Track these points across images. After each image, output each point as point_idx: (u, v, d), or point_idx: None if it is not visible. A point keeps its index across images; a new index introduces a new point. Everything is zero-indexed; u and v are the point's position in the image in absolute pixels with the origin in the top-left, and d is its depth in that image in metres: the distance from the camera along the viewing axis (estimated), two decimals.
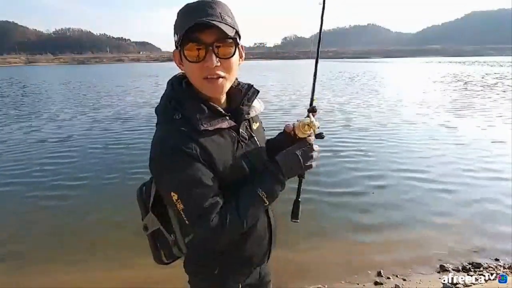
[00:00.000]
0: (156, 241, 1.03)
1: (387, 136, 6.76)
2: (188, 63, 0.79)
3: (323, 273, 2.64)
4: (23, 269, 2.77)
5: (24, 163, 5.44)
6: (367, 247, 2.98)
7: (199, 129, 0.81)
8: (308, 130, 0.92)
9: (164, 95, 0.90)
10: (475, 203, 3.72)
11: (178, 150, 0.78)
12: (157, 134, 0.84)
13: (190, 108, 0.83)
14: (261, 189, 0.84)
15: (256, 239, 0.99)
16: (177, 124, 0.81)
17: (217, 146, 0.84)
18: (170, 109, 0.85)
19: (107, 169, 5.06)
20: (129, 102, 12.79)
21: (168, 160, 0.79)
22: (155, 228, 1.00)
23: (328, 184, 4.28)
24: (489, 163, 4.97)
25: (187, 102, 0.84)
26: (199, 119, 0.82)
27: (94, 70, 52.08)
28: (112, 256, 2.84)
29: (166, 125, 0.84)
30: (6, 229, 3.41)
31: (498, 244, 2.95)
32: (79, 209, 3.81)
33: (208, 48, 0.77)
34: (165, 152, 0.79)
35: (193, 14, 0.76)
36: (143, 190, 1.03)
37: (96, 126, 8.25)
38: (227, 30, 0.76)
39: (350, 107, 10.46)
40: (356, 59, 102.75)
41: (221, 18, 0.77)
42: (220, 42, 0.77)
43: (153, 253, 1.06)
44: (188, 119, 0.82)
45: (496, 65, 38.81)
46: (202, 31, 0.75)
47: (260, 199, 0.85)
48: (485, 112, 9.07)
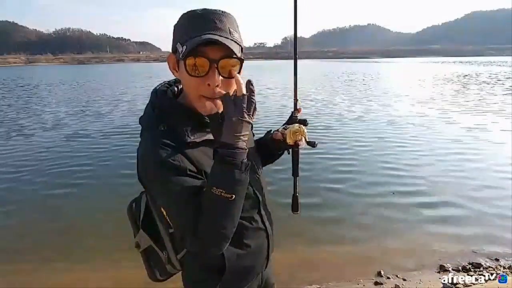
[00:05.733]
0: (149, 258, 1.01)
1: (389, 138, 6.75)
2: (187, 76, 0.75)
3: (323, 273, 2.64)
4: (23, 269, 2.76)
5: (24, 163, 5.44)
6: (367, 247, 2.98)
7: (186, 141, 0.77)
8: (298, 136, 0.95)
9: (148, 104, 0.85)
10: (475, 203, 3.72)
11: (165, 163, 0.73)
12: (143, 146, 0.79)
13: (176, 120, 0.79)
14: (215, 187, 0.70)
15: (256, 249, 0.96)
16: (162, 136, 0.76)
17: (206, 156, 0.79)
18: (154, 119, 0.80)
19: (108, 168, 5.07)
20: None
21: (157, 174, 0.75)
22: (147, 246, 0.98)
23: (328, 185, 4.28)
24: (490, 164, 4.97)
25: (172, 112, 0.80)
26: (185, 130, 0.78)
27: (101, 70, 52.03)
28: (113, 256, 2.84)
29: (151, 136, 0.78)
30: (6, 229, 3.41)
31: (498, 244, 2.95)
32: (79, 208, 3.81)
33: (212, 65, 0.73)
34: (153, 166, 0.75)
35: (201, 26, 0.72)
36: (133, 206, 1.01)
37: (100, 125, 8.27)
38: (234, 48, 0.72)
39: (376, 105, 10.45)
40: (356, 59, 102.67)
41: (230, 33, 0.74)
42: (225, 60, 0.74)
43: (147, 271, 1.04)
44: (174, 130, 0.78)
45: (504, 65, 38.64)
46: (208, 46, 0.71)
47: (219, 199, 0.70)
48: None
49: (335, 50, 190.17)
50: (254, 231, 0.94)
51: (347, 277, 2.58)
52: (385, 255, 2.84)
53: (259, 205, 0.94)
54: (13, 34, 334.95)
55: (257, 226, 0.95)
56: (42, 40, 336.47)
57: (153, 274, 1.02)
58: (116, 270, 2.68)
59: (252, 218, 0.93)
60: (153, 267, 1.01)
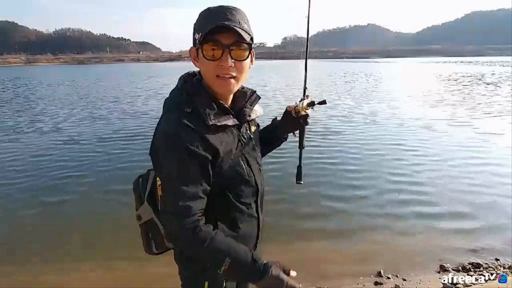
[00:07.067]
0: (148, 231, 1.06)
1: (386, 140, 6.75)
2: (204, 60, 0.86)
3: (323, 273, 2.63)
4: (23, 269, 2.76)
5: (24, 162, 5.45)
6: (367, 247, 2.98)
7: (208, 123, 0.85)
8: (308, 109, 1.10)
9: (175, 88, 0.95)
10: (475, 203, 3.72)
11: (181, 144, 0.82)
12: (165, 124, 0.87)
13: (201, 103, 0.88)
14: (230, 260, 0.83)
15: (246, 234, 1.01)
16: (186, 117, 0.85)
17: (223, 143, 0.89)
18: (181, 101, 0.89)
19: (110, 168, 5.07)
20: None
21: (169, 150, 0.84)
22: (148, 218, 1.03)
23: (328, 184, 4.29)
24: (490, 163, 4.98)
25: (197, 96, 0.89)
26: (208, 114, 0.86)
27: (101, 70, 52.00)
28: (112, 256, 2.84)
29: (175, 115, 0.86)
30: (6, 229, 3.41)
31: (498, 244, 2.95)
32: (78, 208, 3.80)
33: (224, 49, 0.84)
34: (168, 143, 0.84)
35: (215, 17, 0.83)
36: (139, 181, 1.07)
37: (100, 124, 8.27)
38: (244, 35, 0.83)
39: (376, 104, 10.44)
40: (356, 59, 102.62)
41: (240, 24, 0.84)
42: (236, 45, 0.85)
43: (144, 243, 1.08)
44: (198, 113, 0.86)
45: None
46: (221, 33, 0.82)
47: (222, 261, 0.83)
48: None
49: (335, 50, 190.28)
50: (248, 217, 1.01)
51: (347, 276, 2.58)
52: (385, 255, 2.84)
53: (257, 194, 1.03)
54: (13, 34, 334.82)
55: (252, 214, 1.02)
56: (42, 40, 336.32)
57: (149, 247, 1.07)
58: (116, 270, 2.67)
59: (249, 205, 1.00)
60: (151, 239, 1.06)
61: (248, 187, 0.98)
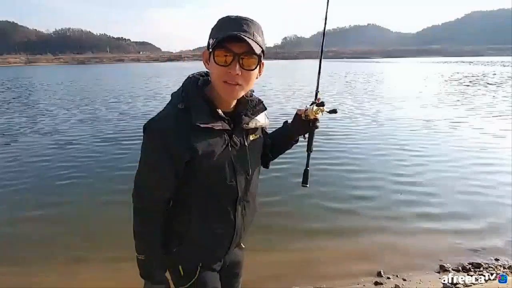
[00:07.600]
0: None
1: (386, 141, 6.74)
2: (215, 65, 0.90)
3: (323, 273, 2.63)
4: (23, 269, 2.76)
5: (24, 162, 5.45)
6: (367, 247, 2.98)
7: (193, 123, 0.91)
8: (318, 113, 1.10)
9: (181, 86, 1.02)
10: (475, 203, 3.72)
11: (160, 136, 0.91)
12: (162, 113, 0.97)
13: (193, 103, 0.94)
14: (144, 257, 1.07)
15: (217, 236, 1.07)
16: (176, 113, 0.93)
17: (205, 143, 0.94)
18: (179, 97, 0.97)
19: (110, 169, 5.07)
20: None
21: (149, 138, 0.94)
22: None
23: (329, 185, 4.28)
24: (492, 164, 4.98)
25: (193, 96, 0.96)
26: (196, 114, 0.92)
27: (101, 70, 51.97)
28: (112, 256, 2.83)
29: (168, 109, 0.97)
30: (6, 229, 3.41)
31: (498, 244, 2.95)
32: (79, 209, 3.81)
33: (235, 57, 0.88)
34: (150, 130, 0.94)
35: (231, 26, 0.88)
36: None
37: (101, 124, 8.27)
38: (255, 47, 0.87)
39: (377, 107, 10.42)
40: (356, 59, 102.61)
41: (253, 36, 0.88)
42: (246, 55, 0.88)
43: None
44: (188, 112, 0.92)
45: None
46: (234, 42, 0.86)
47: (139, 253, 1.08)
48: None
49: (335, 50, 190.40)
50: (223, 220, 1.05)
51: (347, 277, 2.57)
52: (385, 255, 2.84)
53: (236, 200, 1.05)
54: (13, 34, 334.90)
55: (228, 218, 1.05)
56: (42, 40, 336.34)
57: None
58: (116, 270, 2.67)
59: (225, 208, 1.04)
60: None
61: (228, 192, 1.02)
